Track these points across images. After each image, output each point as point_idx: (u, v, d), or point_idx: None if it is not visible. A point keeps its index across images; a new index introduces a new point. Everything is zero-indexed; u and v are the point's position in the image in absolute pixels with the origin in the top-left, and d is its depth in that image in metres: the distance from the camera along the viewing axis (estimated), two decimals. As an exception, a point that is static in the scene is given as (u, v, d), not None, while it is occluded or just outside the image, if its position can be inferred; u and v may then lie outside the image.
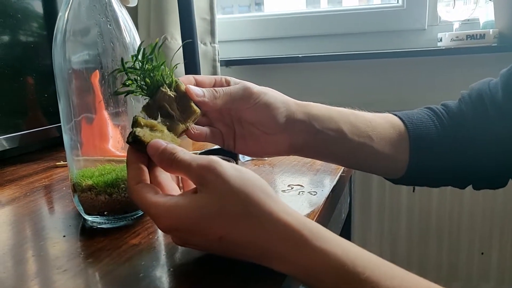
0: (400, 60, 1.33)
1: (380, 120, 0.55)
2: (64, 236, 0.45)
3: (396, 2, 1.41)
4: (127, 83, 0.43)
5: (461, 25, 1.27)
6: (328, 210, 0.55)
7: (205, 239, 0.35)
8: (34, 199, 0.57)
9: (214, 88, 0.47)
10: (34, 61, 0.80)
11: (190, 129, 0.45)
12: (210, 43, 1.32)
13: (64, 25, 0.44)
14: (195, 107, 0.45)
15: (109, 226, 0.47)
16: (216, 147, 0.70)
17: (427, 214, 1.35)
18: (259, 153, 0.52)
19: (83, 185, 0.46)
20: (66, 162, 0.50)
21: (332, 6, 1.75)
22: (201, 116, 0.46)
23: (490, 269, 1.35)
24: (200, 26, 1.28)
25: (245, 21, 1.47)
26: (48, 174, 0.70)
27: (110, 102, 0.47)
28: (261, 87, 0.49)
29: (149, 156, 0.39)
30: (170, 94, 0.43)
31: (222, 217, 0.34)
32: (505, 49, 1.18)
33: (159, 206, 0.36)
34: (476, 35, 1.20)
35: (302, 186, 0.58)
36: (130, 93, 0.43)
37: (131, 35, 0.47)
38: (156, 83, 0.43)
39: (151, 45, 0.42)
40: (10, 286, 0.36)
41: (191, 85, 0.46)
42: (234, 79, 0.50)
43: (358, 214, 1.40)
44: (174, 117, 0.44)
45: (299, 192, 0.56)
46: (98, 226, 0.47)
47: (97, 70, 0.46)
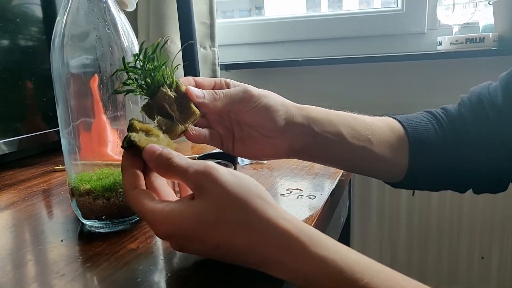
0: (399, 63, 1.33)
1: (379, 123, 0.54)
2: (62, 240, 0.45)
3: (395, 6, 1.41)
4: (128, 83, 0.42)
5: (460, 28, 1.27)
6: (327, 214, 0.55)
7: (203, 246, 0.35)
8: (32, 204, 0.57)
9: (214, 90, 0.47)
10: (33, 65, 0.80)
11: (189, 130, 0.45)
12: (210, 47, 1.32)
13: (62, 29, 0.44)
14: (195, 108, 0.45)
15: (107, 230, 0.47)
16: (215, 151, 0.70)
17: (427, 218, 1.35)
18: (258, 156, 0.52)
19: (81, 189, 0.46)
20: (64, 167, 0.50)
21: (332, 10, 1.75)
22: (200, 117, 0.46)
23: (490, 273, 1.34)
24: (199, 30, 1.28)
25: (245, 25, 1.48)
26: (46, 178, 0.70)
27: (108, 106, 0.47)
28: (261, 90, 0.49)
29: (144, 161, 0.39)
30: (170, 94, 0.43)
31: (219, 224, 0.34)
32: (504, 52, 1.18)
33: (156, 213, 0.35)
34: (475, 39, 1.20)
35: (301, 190, 0.58)
36: (130, 92, 0.43)
37: (129, 40, 0.47)
38: (156, 83, 0.43)
39: (153, 45, 0.42)
40: (7, 291, 0.36)
41: (191, 86, 0.46)
42: (234, 82, 0.50)
43: (357, 218, 1.40)
44: (173, 117, 0.43)
45: (298, 196, 0.56)
46: (96, 231, 0.47)
47: (96, 75, 0.46)
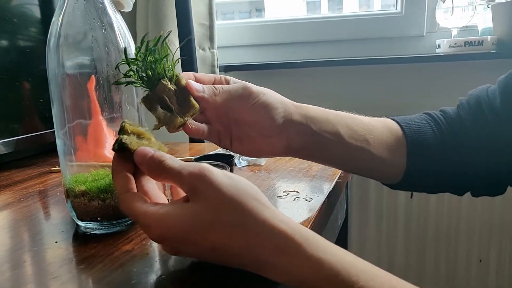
0: (399, 66, 1.33)
1: (377, 124, 0.54)
2: (56, 242, 0.44)
3: (395, 9, 1.41)
4: (129, 74, 0.42)
5: (459, 31, 1.27)
6: (323, 216, 0.55)
7: (197, 249, 0.35)
8: (27, 205, 0.57)
9: (214, 85, 0.47)
10: (30, 66, 0.80)
11: (188, 123, 0.45)
12: (209, 49, 1.32)
13: (57, 29, 0.44)
14: (194, 102, 0.45)
15: (102, 232, 0.47)
16: (211, 153, 0.70)
17: (425, 220, 1.35)
18: (256, 153, 0.52)
19: (76, 190, 0.46)
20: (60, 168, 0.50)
21: (332, 12, 1.75)
22: (199, 112, 0.46)
23: (488, 276, 1.34)
24: (198, 31, 1.28)
25: (244, 26, 1.47)
26: (42, 179, 0.70)
27: (104, 108, 0.47)
28: (260, 87, 0.49)
29: (135, 164, 0.39)
30: (171, 87, 0.43)
31: (215, 226, 0.33)
32: (503, 55, 1.18)
33: (150, 216, 0.35)
34: (474, 42, 1.20)
35: (297, 192, 0.58)
36: (130, 83, 0.43)
37: (126, 41, 0.47)
38: (157, 76, 0.43)
39: (155, 38, 0.42)
40: (-1, 293, 0.36)
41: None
42: (233, 79, 0.50)
43: (355, 220, 1.40)
44: (173, 110, 0.44)
45: (295, 198, 0.55)
46: (91, 232, 0.47)
47: (92, 76, 0.45)
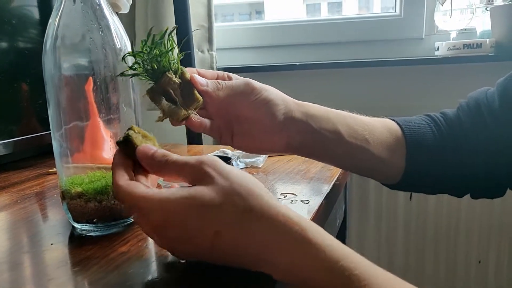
0: (398, 68, 1.33)
1: (377, 124, 0.55)
2: (52, 244, 0.44)
3: (394, 11, 1.42)
4: (134, 67, 0.43)
5: (458, 34, 1.28)
6: (321, 218, 0.55)
7: (197, 239, 0.34)
8: (24, 207, 0.57)
9: (217, 80, 0.48)
10: (28, 67, 0.80)
11: (192, 116, 0.46)
12: (208, 51, 1.32)
13: (54, 31, 0.44)
14: (198, 95, 0.45)
15: (98, 233, 0.46)
16: (209, 155, 0.70)
17: (424, 222, 1.34)
18: (256, 150, 0.53)
19: (72, 192, 0.46)
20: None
21: (331, 15, 1.75)
22: (202, 106, 0.47)
23: (487, 278, 1.34)
24: (197, 33, 1.28)
25: (243, 29, 1.48)
26: (40, 181, 0.70)
27: (102, 109, 0.47)
28: (262, 84, 0.50)
29: (135, 162, 0.39)
30: (175, 80, 0.44)
31: (223, 207, 0.33)
32: (501, 58, 1.18)
33: (151, 199, 0.34)
34: (473, 44, 1.20)
35: (295, 194, 0.58)
36: (135, 76, 0.44)
37: (123, 42, 0.47)
38: (162, 68, 0.43)
39: (160, 32, 0.42)
40: (-7, 296, 0.36)
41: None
42: (235, 75, 0.51)
43: (355, 222, 1.39)
44: (177, 102, 0.44)
45: (292, 200, 0.55)
46: (87, 234, 0.46)
47: (90, 77, 0.45)
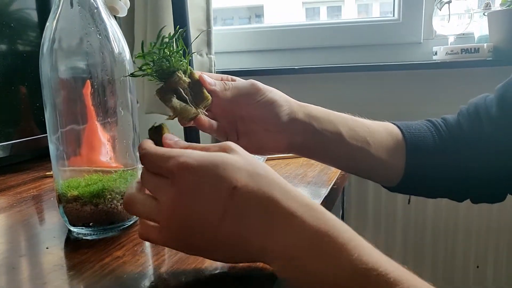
0: (396, 72, 1.33)
1: (378, 127, 0.56)
2: (47, 248, 0.44)
3: (392, 16, 1.42)
4: (144, 68, 0.44)
5: (456, 39, 1.28)
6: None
7: (211, 195, 0.34)
8: (20, 210, 0.57)
9: (223, 81, 0.49)
10: (26, 70, 0.80)
11: (201, 115, 0.46)
12: (207, 54, 1.32)
13: (51, 34, 0.44)
14: (207, 94, 0.47)
15: (94, 237, 0.46)
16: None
17: (423, 227, 1.34)
18: (261, 150, 0.53)
19: (68, 195, 0.46)
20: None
21: (330, 18, 1.76)
22: (209, 105, 0.48)
23: (485, 282, 1.33)
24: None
25: (242, 32, 1.48)
26: (37, 184, 0.69)
27: (99, 113, 0.47)
28: (267, 86, 0.51)
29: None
30: (185, 79, 0.45)
31: (245, 167, 0.35)
32: (499, 63, 1.19)
33: (174, 150, 0.36)
34: (470, 49, 1.20)
35: (292, 198, 0.57)
36: (146, 75, 0.44)
37: (120, 46, 0.47)
38: (172, 68, 0.44)
39: (169, 34, 0.43)
40: (-12, 299, 0.35)
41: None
42: (239, 78, 0.52)
43: (352, 226, 1.38)
44: (187, 101, 0.45)
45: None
46: (83, 238, 0.46)
47: (88, 81, 0.45)
